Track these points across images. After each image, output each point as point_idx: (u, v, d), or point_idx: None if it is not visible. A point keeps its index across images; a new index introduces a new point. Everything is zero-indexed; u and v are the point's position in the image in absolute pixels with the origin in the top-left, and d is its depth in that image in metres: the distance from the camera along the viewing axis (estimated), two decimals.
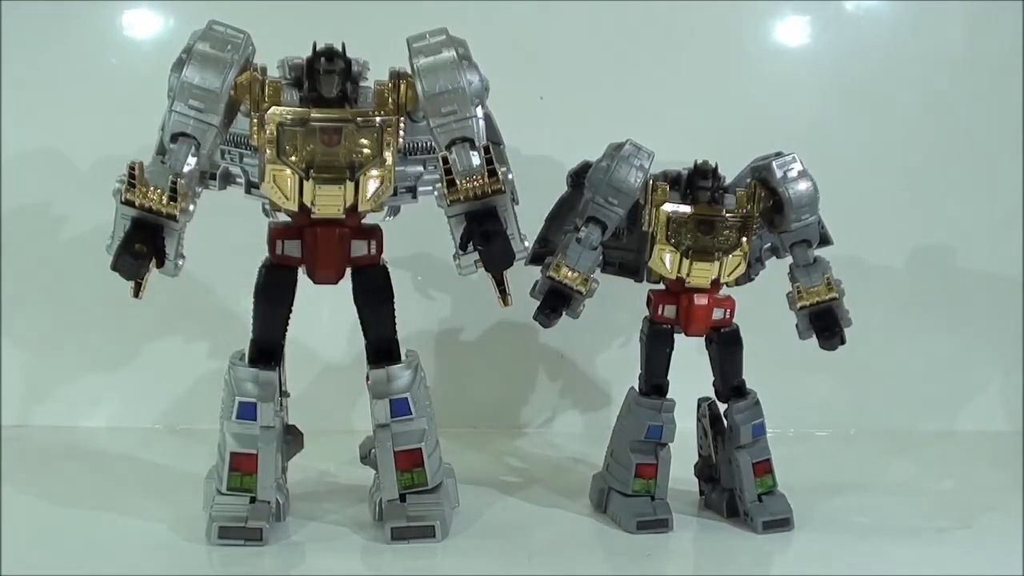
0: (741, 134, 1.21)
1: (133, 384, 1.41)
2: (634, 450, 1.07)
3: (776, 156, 1.03)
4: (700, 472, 1.16)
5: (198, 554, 0.95)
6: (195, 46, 0.91)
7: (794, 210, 1.01)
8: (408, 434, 1.00)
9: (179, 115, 0.90)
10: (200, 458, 1.08)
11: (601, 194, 1.00)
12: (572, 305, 1.02)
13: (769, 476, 1.09)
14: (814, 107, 1.49)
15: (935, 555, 1.02)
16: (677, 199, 1.03)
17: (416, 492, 1.01)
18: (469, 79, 0.93)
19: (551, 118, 1.40)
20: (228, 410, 0.98)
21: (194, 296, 1.37)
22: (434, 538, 0.99)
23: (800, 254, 1.04)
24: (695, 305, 1.05)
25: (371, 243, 0.99)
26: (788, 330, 1.07)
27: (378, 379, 0.99)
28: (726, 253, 1.03)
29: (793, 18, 1.51)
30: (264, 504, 0.99)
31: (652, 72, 1.45)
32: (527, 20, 1.43)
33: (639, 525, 1.05)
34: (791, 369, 1.29)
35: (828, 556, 1.02)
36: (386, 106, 0.95)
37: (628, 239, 1.08)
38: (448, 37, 0.95)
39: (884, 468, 1.34)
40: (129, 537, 0.99)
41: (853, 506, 1.15)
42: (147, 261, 0.92)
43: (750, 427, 1.07)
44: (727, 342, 1.08)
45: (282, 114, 0.92)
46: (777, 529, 1.06)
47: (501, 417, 1.48)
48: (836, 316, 1.05)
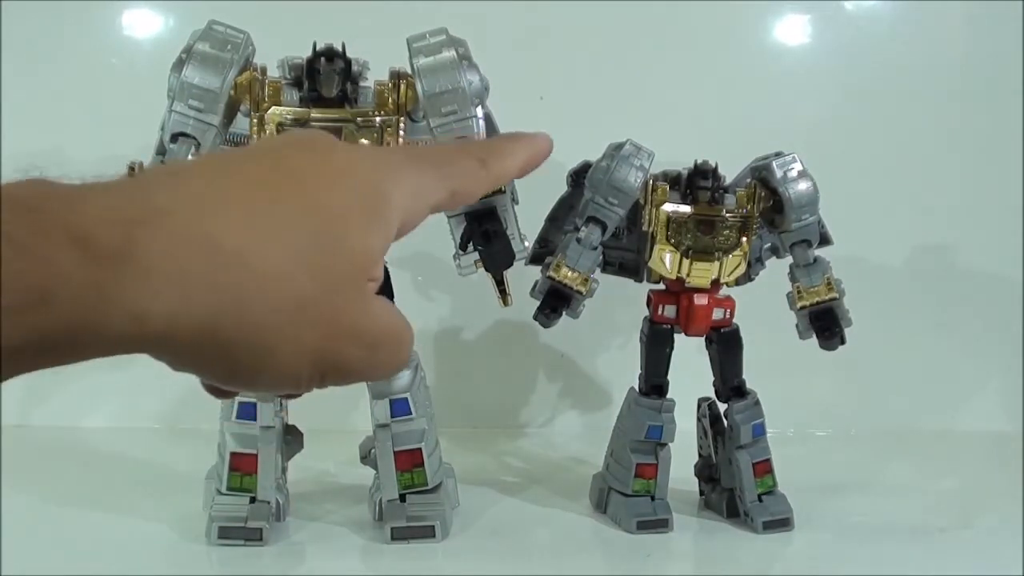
0: (741, 134, 1.21)
1: (133, 384, 1.41)
2: (634, 450, 1.07)
3: (776, 156, 1.03)
4: (700, 472, 1.16)
5: (198, 554, 0.95)
6: (195, 46, 0.91)
7: (794, 210, 1.01)
8: (408, 434, 1.00)
9: (179, 115, 0.90)
10: (200, 458, 1.08)
11: (601, 194, 1.00)
12: (572, 305, 1.02)
13: (769, 476, 1.09)
14: (814, 107, 1.49)
15: (935, 555, 1.02)
16: (677, 199, 1.03)
17: (416, 492, 1.01)
18: (469, 79, 0.93)
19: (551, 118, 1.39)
20: (228, 410, 0.98)
21: None
22: (434, 538, 0.99)
23: (800, 254, 1.04)
24: (695, 305, 1.05)
25: None
26: (788, 330, 1.07)
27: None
28: (726, 253, 1.03)
29: (793, 18, 1.51)
30: (264, 504, 0.99)
31: (652, 72, 1.45)
32: (527, 20, 1.43)
33: (639, 525, 1.05)
34: (791, 369, 1.29)
35: (828, 556, 1.02)
36: (386, 106, 0.95)
37: (628, 239, 1.08)
38: (448, 37, 0.95)
39: (884, 468, 1.34)
40: (129, 537, 0.99)
41: (853, 506, 1.15)
42: None
43: (750, 427, 1.07)
44: (727, 342, 1.08)
45: (282, 114, 0.92)
46: (777, 529, 1.06)
47: (501, 417, 1.47)
48: (836, 316, 1.05)
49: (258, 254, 0.33)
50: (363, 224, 0.36)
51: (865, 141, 1.49)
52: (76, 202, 0.31)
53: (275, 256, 0.33)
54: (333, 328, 0.35)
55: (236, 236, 0.32)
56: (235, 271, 0.32)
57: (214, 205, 0.33)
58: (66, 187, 0.31)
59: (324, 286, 0.34)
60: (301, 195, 0.35)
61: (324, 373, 0.36)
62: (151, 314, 0.31)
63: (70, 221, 0.30)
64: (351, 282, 0.36)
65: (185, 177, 0.34)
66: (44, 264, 0.29)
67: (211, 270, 0.32)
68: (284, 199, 0.34)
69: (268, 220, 0.33)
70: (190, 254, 0.31)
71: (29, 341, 0.29)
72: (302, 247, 0.34)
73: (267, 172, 0.35)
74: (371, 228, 0.36)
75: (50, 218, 0.30)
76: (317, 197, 0.35)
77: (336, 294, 0.35)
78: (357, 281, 0.36)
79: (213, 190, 0.33)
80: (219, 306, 0.32)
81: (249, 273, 0.32)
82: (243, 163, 0.36)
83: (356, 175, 0.37)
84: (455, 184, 0.41)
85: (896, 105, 1.49)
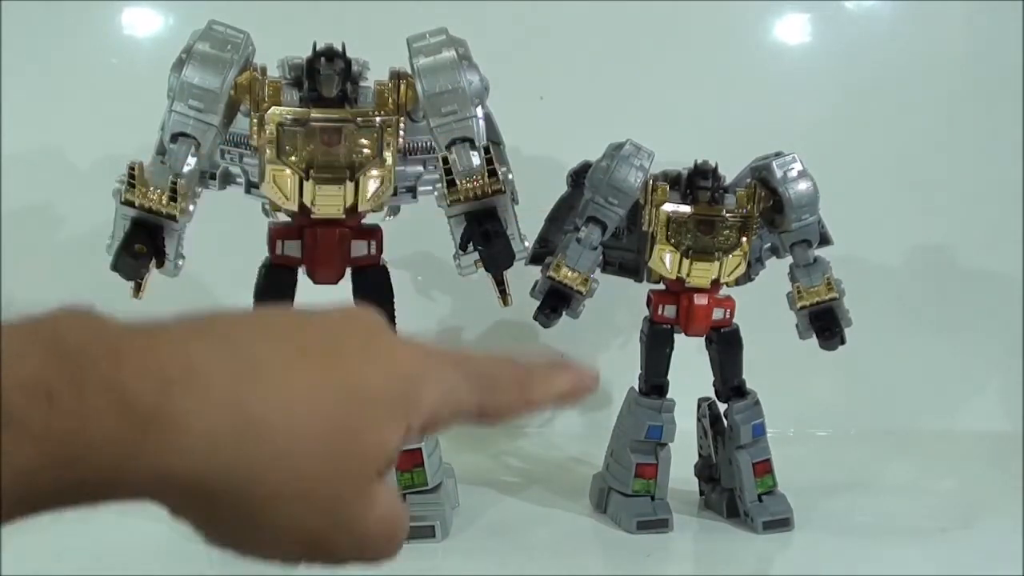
0: (741, 134, 1.21)
1: None
2: (634, 450, 1.07)
3: (776, 156, 1.03)
4: (700, 472, 1.16)
5: (198, 554, 0.95)
6: (195, 46, 0.91)
7: (794, 210, 1.01)
8: None
9: (179, 115, 0.90)
10: None
11: (601, 194, 1.00)
12: (572, 305, 1.02)
13: (769, 476, 1.09)
14: (814, 107, 1.49)
15: (935, 555, 1.02)
16: (677, 199, 1.03)
17: (416, 492, 1.01)
18: (469, 79, 0.93)
19: (551, 118, 1.40)
20: None
21: (194, 296, 1.37)
22: (434, 538, 0.99)
23: (800, 254, 1.04)
24: (695, 305, 1.05)
25: (371, 243, 0.99)
26: (788, 330, 1.07)
27: None
28: (726, 253, 1.03)
29: (793, 17, 1.51)
30: None
31: (652, 72, 1.45)
32: (527, 20, 1.43)
33: (639, 525, 1.05)
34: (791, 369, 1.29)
35: (828, 556, 1.02)
36: (386, 106, 0.95)
37: (628, 239, 1.08)
38: (448, 37, 0.95)
39: (884, 468, 1.34)
40: (129, 537, 0.99)
41: (853, 506, 1.15)
42: (147, 261, 0.92)
43: (750, 427, 1.07)
44: (727, 342, 1.08)
45: (282, 114, 0.92)
46: (777, 529, 1.06)
47: None
48: (836, 316, 1.05)
49: (284, 430, 0.33)
50: (388, 420, 0.36)
51: (865, 141, 1.49)
52: (120, 355, 0.31)
53: (298, 436, 0.34)
54: (332, 516, 0.36)
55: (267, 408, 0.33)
56: (258, 443, 0.33)
57: (252, 372, 0.33)
58: (110, 331, 0.32)
59: (335, 473, 0.35)
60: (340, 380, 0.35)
61: (311, 556, 0.37)
62: (177, 473, 0.31)
63: (112, 379, 0.30)
64: (361, 475, 0.36)
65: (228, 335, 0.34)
66: (84, 424, 0.30)
67: (237, 437, 0.32)
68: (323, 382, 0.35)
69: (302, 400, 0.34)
70: (221, 419, 0.32)
71: (57, 489, 0.30)
72: (326, 432, 0.34)
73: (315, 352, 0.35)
74: (394, 425, 0.37)
75: (94, 373, 0.30)
76: (354, 383, 0.35)
77: (343, 484, 0.35)
78: (367, 475, 0.36)
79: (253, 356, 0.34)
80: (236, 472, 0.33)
81: (270, 447, 0.33)
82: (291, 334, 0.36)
83: (395, 364, 0.37)
84: (488, 402, 0.41)
85: (896, 105, 1.49)
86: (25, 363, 0.29)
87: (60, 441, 0.29)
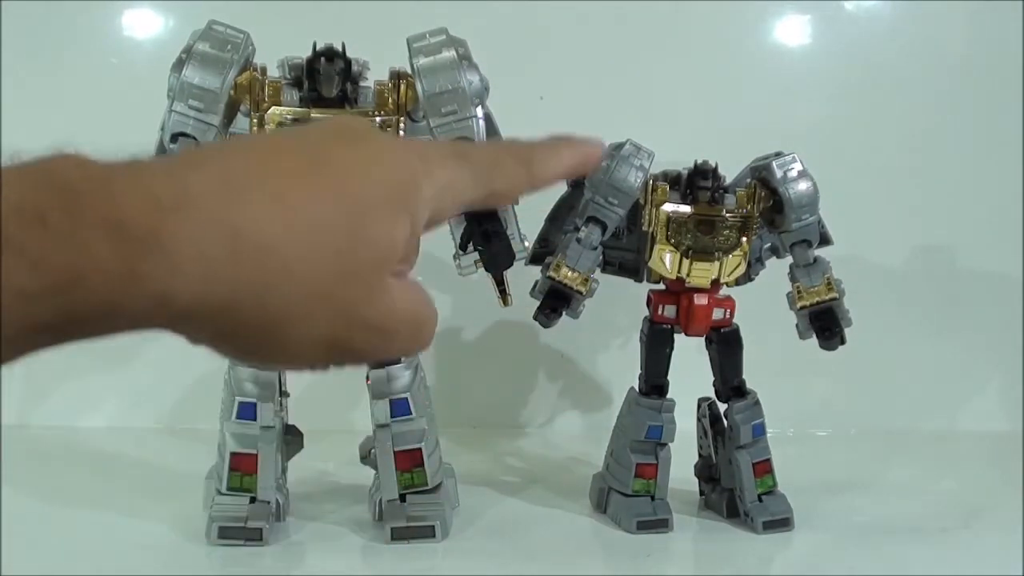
0: (741, 134, 1.21)
1: (133, 384, 1.41)
2: (634, 450, 1.07)
3: (776, 156, 1.03)
4: (700, 472, 1.16)
5: (198, 554, 0.95)
6: (195, 46, 0.91)
7: (794, 210, 1.01)
8: (408, 434, 1.00)
9: (179, 115, 0.90)
10: (200, 458, 1.08)
11: (601, 194, 1.00)
12: (572, 305, 1.02)
13: (769, 476, 1.09)
14: (814, 107, 1.49)
15: (935, 555, 1.02)
16: (677, 199, 1.03)
17: (416, 492, 1.01)
18: (469, 79, 0.93)
19: (551, 118, 1.39)
20: (228, 410, 0.98)
21: None
22: (434, 538, 0.99)
23: (800, 254, 1.04)
24: (695, 305, 1.05)
25: None
26: (788, 330, 1.07)
27: (378, 379, 0.99)
28: (726, 253, 1.03)
29: (793, 17, 1.51)
30: (264, 504, 0.99)
31: (652, 72, 1.45)
32: (527, 20, 1.43)
33: (639, 525, 1.05)
34: (791, 369, 1.29)
35: (828, 556, 1.02)
36: (386, 106, 0.95)
37: (628, 239, 1.08)
38: (448, 37, 0.95)
39: (884, 468, 1.33)
40: (129, 537, 0.99)
41: (853, 506, 1.15)
42: None
43: (750, 427, 1.07)
44: (727, 342, 1.08)
45: (282, 114, 0.93)
46: (777, 529, 1.06)
47: (501, 417, 1.47)
48: (836, 316, 1.05)
49: (282, 246, 0.34)
50: (389, 216, 0.36)
51: (865, 141, 1.49)
52: (112, 184, 0.32)
53: (298, 248, 0.34)
54: (349, 319, 0.36)
55: (261, 227, 0.33)
56: (256, 261, 0.33)
57: (244, 194, 0.34)
58: (101, 167, 0.32)
59: (344, 278, 0.35)
60: (331, 187, 0.35)
61: (338, 358, 0.37)
62: (175, 295, 0.32)
63: (106, 206, 0.31)
64: (371, 274, 0.36)
65: (219, 162, 0.35)
66: (79, 249, 0.30)
67: (233, 258, 0.33)
68: (314, 192, 0.35)
69: (295, 213, 0.34)
70: (215, 241, 0.32)
71: (57, 319, 0.31)
72: (326, 240, 0.35)
73: (302, 164, 0.36)
74: (397, 220, 0.37)
75: (87, 201, 0.31)
76: (346, 187, 0.36)
77: (355, 286, 0.36)
78: (378, 273, 0.36)
79: (245, 178, 0.34)
80: (239, 292, 0.33)
81: (270, 264, 0.33)
82: (279, 152, 0.36)
83: (388, 165, 0.37)
84: (495, 184, 0.42)
85: (896, 105, 1.49)
86: (18, 191, 0.30)
87: (57, 266, 0.30)
